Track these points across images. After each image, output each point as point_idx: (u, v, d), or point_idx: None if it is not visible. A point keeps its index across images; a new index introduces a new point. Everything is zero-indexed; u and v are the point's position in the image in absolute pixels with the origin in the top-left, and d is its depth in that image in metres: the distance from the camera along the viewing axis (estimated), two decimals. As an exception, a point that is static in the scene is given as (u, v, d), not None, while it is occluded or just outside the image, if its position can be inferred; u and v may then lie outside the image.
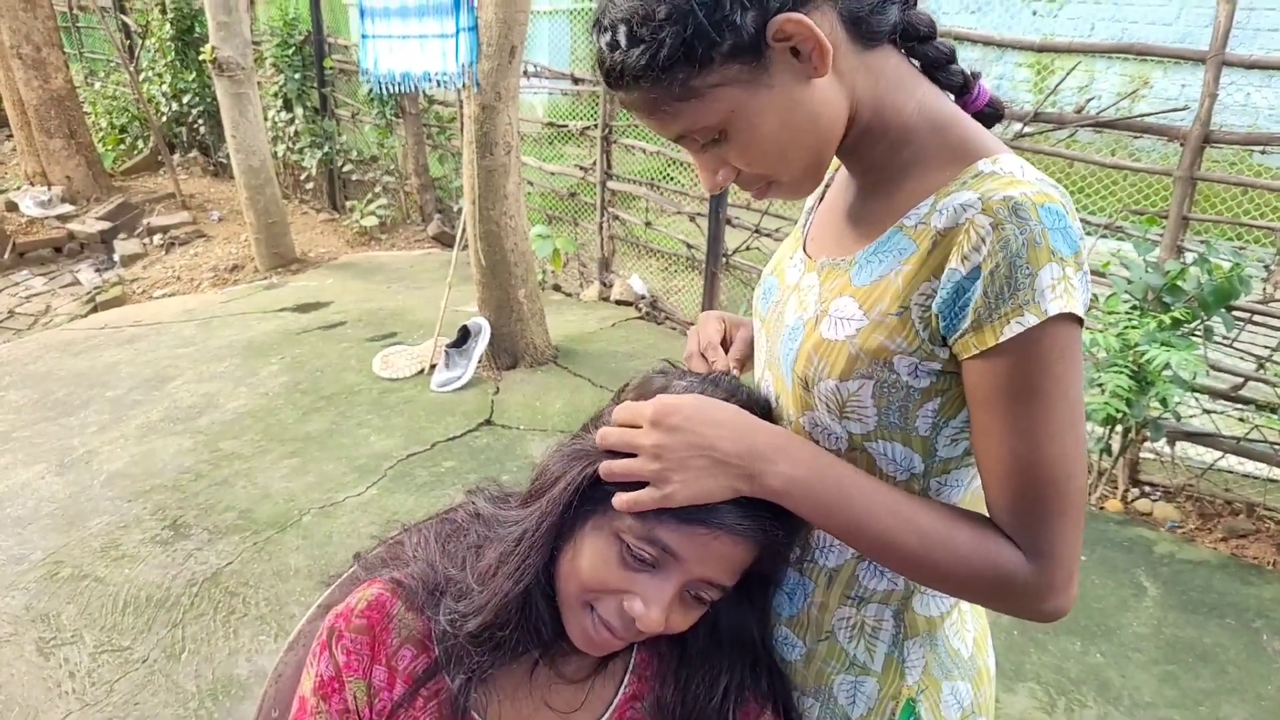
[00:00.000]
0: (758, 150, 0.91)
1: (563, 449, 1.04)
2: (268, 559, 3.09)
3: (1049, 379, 0.83)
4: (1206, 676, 2.69)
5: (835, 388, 0.93)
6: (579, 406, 4.21)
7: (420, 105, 6.63)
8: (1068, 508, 0.85)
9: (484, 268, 4.31)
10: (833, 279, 0.97)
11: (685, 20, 0.83)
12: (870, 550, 0.93)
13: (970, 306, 0.83)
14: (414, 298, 5.62)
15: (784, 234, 4.73)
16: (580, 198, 5.93)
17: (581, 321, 5.30)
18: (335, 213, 7.56)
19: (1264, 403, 3.38)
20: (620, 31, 0.86)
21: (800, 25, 0.83)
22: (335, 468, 3.65)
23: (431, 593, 1.05)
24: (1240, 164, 5.47)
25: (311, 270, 6.34)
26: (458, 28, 3.78)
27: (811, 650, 1.07)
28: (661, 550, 0.93)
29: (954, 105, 0.96)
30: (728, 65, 0.85)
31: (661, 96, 0.88)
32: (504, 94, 3.95)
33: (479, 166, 4.06)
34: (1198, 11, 6.82)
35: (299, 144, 7.35)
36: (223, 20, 5.65)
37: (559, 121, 5.96)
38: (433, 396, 4.29)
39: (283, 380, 4.43)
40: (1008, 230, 0.81)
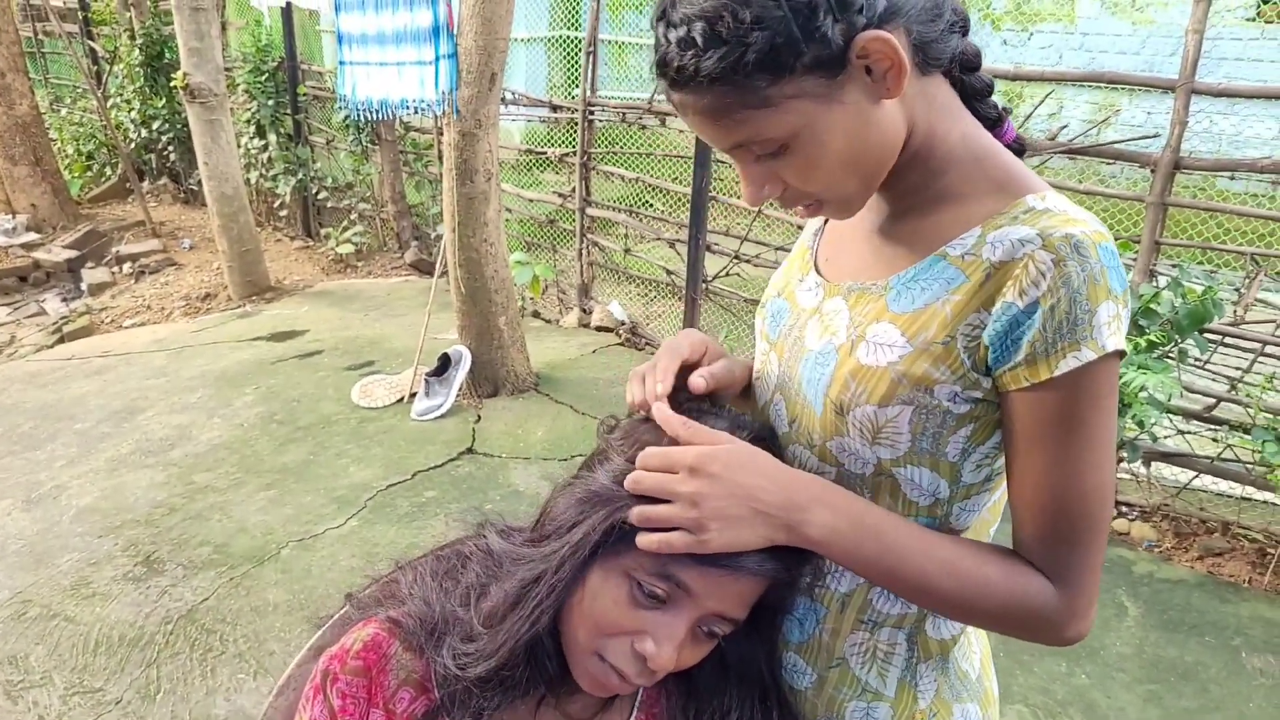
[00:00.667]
0: (818, 167, 0.89)
1: (573, 491, 1.00)
2: (245, 594, 3.02)
3: (1095, 412, 0.85)
4: (1189, 695, 2.71)
5: (873, 413, 0.92)
6: (561, 434, 4.19)
7: (396, 132, 6.61)
8: (1098, 536, 0.87)
9: (464, 295, 4.29)
10: (865, 304, 0.96)
11: (776, 26, 0.79)
12: (905, 592, 0.93)
13: (1025, 340, 0.84)
14: (392, 325, 5.58)
15: (764, 260, 4.75)
16: (559, 224, 5.92)
17: (562, 348, 5.28)
18: (310, 240, 7.51)
19: (1236, 423, 3.43)
20: (697, 29, 0.81)
21: (886, 44, 0.82)
22: (314, 499, 3.60)
23: (431, 632, 1.01)
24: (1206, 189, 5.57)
25: (286, 298, 6.28)
26: (437, 55, 3.78)
27: (823, 677, 1.05)
28: (675, 586, 0.91)
29: (992, 138, 0.96)
30: (807, 77, 0.82)
31: (732, 103, 0.84)
32: (484, 121, 3.95)
33: (459, 194, 4.05)
34: (1162, 41, 6.97)
35: (272, 171, 7.30)
36: (195, 46, 5.62)
37: (537, 148, 5.96)
38: (413, 425, 4.25)
39: (258, 411, 4.37)
40: (1070, 267, 0.82)
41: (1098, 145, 3.75)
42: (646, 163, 5.55)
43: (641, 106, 5.05)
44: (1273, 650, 2.91)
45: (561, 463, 3.95)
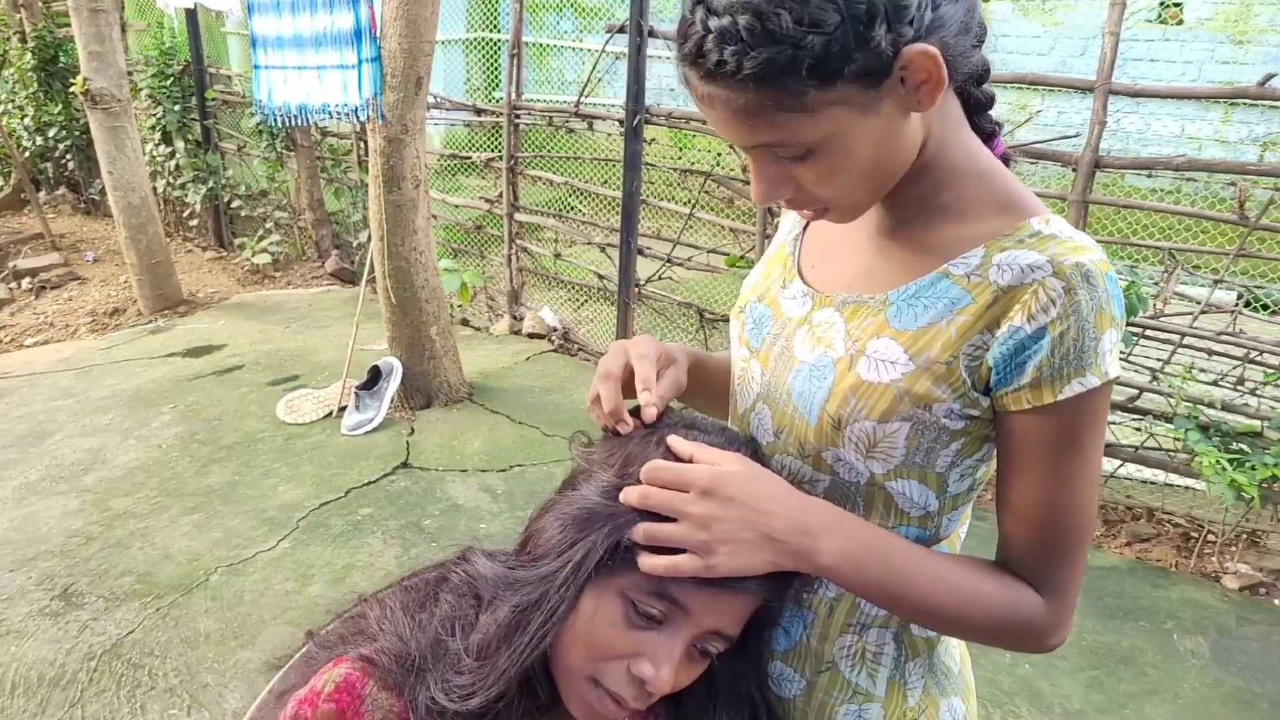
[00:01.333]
0: (840, 175, 0.87)
1: (562, 510, 0.97)
2: (173, 625, 2.89)
3: (1092, 433, 0.88)
4: (1128, 680, 2.79)
5: (872, 429, 0.92)
6: (499, 444, 4.12)
7: (313, 138, 6.44)
8: (1081, 551, 0.91)
9: (394, 305, 4.19)
10: (862, 318, 0.95)
11: (832, 30, 0.76)
12: (907, 613, 0.94)
13: (1031, 364, 0.85)
14: (315, 337, 5.43)
15: (696, 263, 4.74)
16: (486, 230, 5.84)
17: (495, 356, 5.21)
18: (223, 250, 7.27)
19: (1159, 412, 3.54)
20: (744, 22, 0.77)
21: (932, 59, 0.80)
22: (242, 522, 3.47)
23: (408, 669, 0.96)
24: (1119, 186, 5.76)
25: (201, 312, 6.05)
26: (360, 59, 3.67)
27: (812, 683, 1.05)
28: (671, 605, 0.90)
29: (993, 156, 0.96)
30: (850, 85, 0.80)
31: (770, 104, 0.81)
32: (410, 126, 3.86)
33: (386, 201, 3.95)
34: (1069, 42, 7.19)
35: (181, 179, 7.05)
36: (95, 50, 5.36)
37: (461, 153, 5.86)
38: (344, 441, 4.14)
39: (177, 431, 4.20)
40: (1080, 295, 0.83)
41: (1023, 145, 3.83)
42: (575, 166, 5.51)
43: (568, 110, 5.00)
44: (1202, 631, 3.03)
45: (500, 474, 3.87)
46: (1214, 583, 3.31)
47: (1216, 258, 3.78)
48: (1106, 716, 2.65)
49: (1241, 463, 3.21)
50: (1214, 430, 3.31)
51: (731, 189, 4.62)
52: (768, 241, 4.36)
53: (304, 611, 2.96)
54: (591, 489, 0.96)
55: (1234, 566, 3.35)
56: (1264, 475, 3.16)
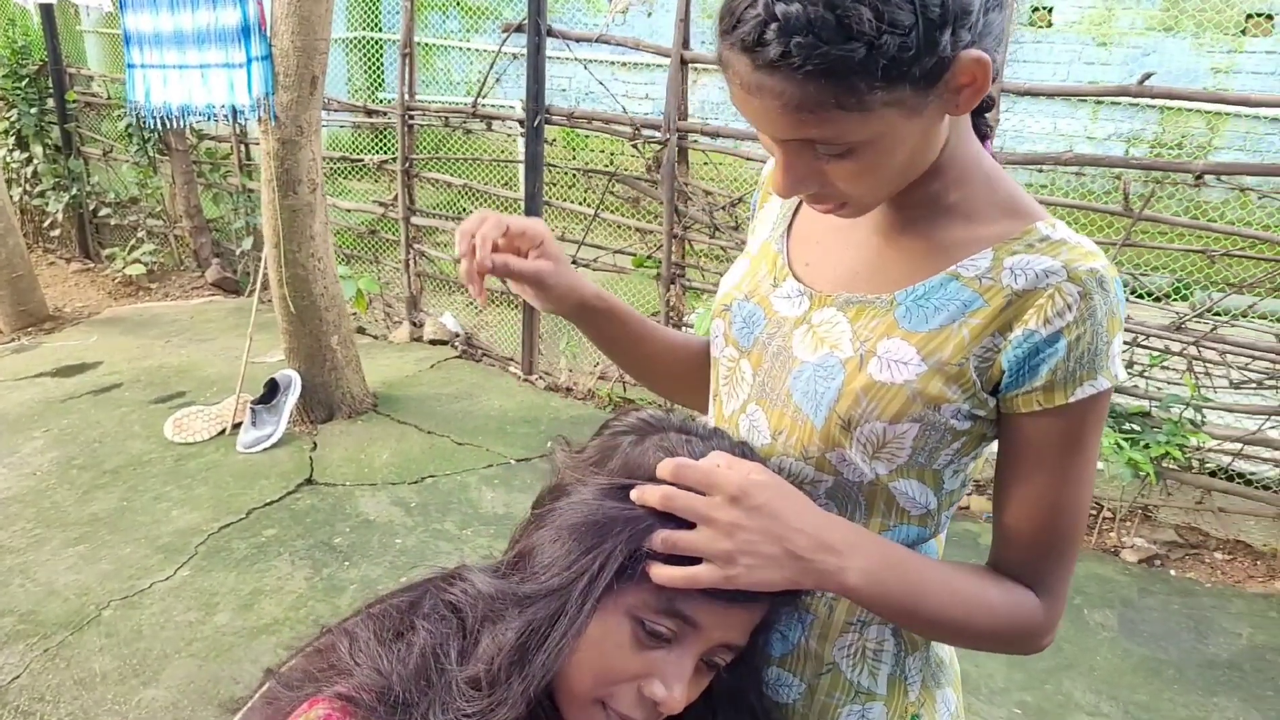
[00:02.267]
0: (875, 174, 0.86)
1: (562, 523, 0.91)
2: (65, 666, 2.69)
3: (1094, 434, 0.90)
4: (1046, 656, 2.87)
5: (882, 430, 0.92)
6: (408, 455, 3.99)
7: (189, 141, 6.13)
8: (1075, 549, 0.94)
9: (291, 315, 4.00)
10: (869, 317, 0.94)
11: (907, 30, 0.74)
12: (919, 626, 0.95)
13: (1046, 368, 0.87)
14: (201, 351, 5.17)
15: (603, 263, 4.70)
16: (381, 234, 5.67)
17: (398, 365, 5.06)
18: (90, 261, 6.86)
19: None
20: (817, 13, 0.73)
21: (983, 67, 0.79)
22: (134, 551, 3.25)
23: (392, 706, 0.87)
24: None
25: (70, 328, 5.69)
26: (249, 57, 3.49)
27: (812, 686, 1.03)
28: (682, 622, 0.86)
29: (993, 159, 0.97)
30: (907, 87, 0.78)
31: (828, 100, 0.77)
32: (306, 128, 3.69)
33: (281, 206, 3.76)
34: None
35: (40, 186, 6.64)
36: (-58, 50, 4.98)
37: (352, 155, 5.67)
38: (241, 459, 3.93)
39: (52, 456, 3.92)
40: (1095, 301, 0.85)
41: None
42: (472, 168, 5.39)
43: (466, 110, 4.88)
44: (1109, 604, 3.17)
45: (412, 486, 3.74)
46: (1115, 557, 3.46)
47: (1104, 248, 3.94)
48: (1029, 693, 2.73)
49: (1136, 442, 3.38)
50: (1110, 412, 3.46)
51: (637, 188, 4.60)
52: (675, 241, 4.35)
53: (210, 643, 2.79)
54: (591, 494, 0.91)
55: (1131, 541, 3.51)
56: (1157, 453, 3.34)
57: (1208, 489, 3.60)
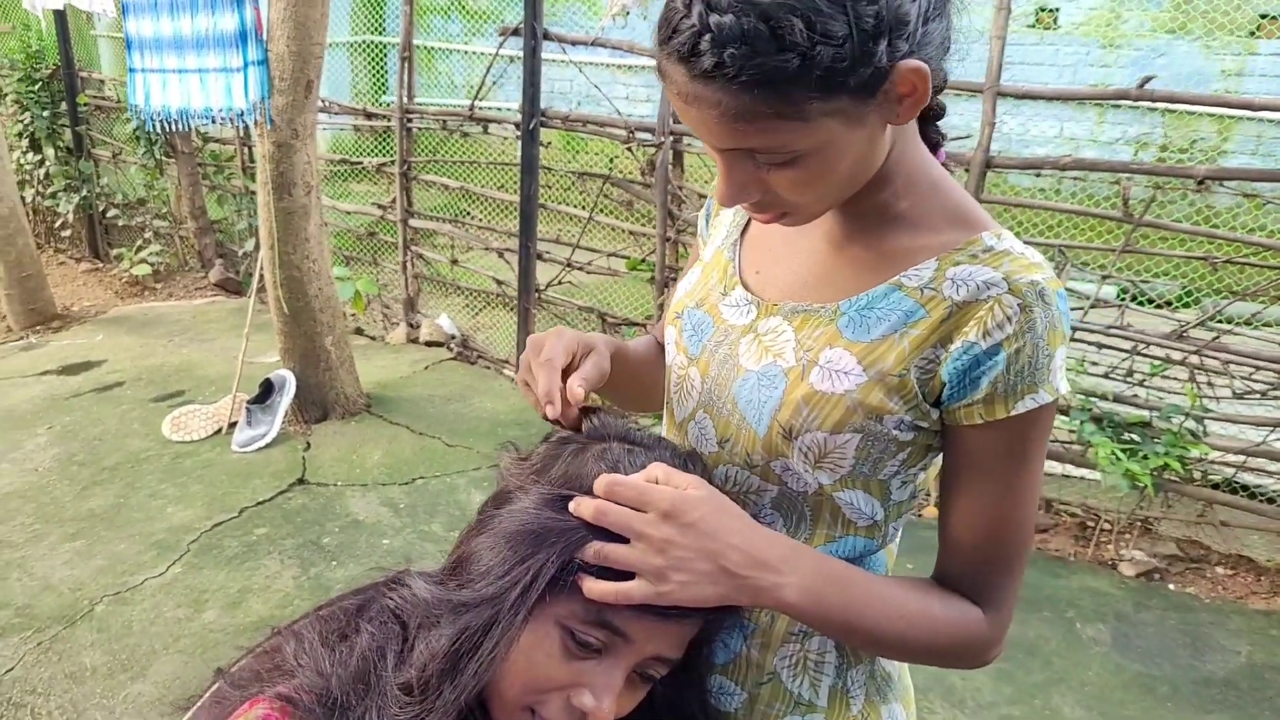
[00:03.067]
0: (818, 182, 0.86)
1: (500, 527, 0.92)
2: (57, 659, 2.73)
3: (1038, 448, 0.90)
4: (1036, 670, 2.85)
5: (823, 440, 0.92)
6: (399, 457, 4.02)
7: (194, 143, 6.19)
8: (1021, 563, 0.93)
9: (286, 316, 4.04)
10: (813, 327, 0.94)
11: (841, 42, 0.74)
12: (859, 641, 0.94)
13: (986, 380, 0.86)
14: (201, 351, 5.22)
15: (597, 266, 4.71)
16: (379, 236, 5.71)
17: (392, 366, 5.09)
18: (99, 262, 6.94)
19: (1053, 405, 3.64)
20: (750, 24, 0.73)
21: (919, 77, 0.79)
22: (128, 547, 3.29)
23: (331, 708, 0.89)
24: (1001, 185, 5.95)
25: (77, 326, 5.76)
26: (245, 61, 3.53)
27: (753, 695, 1.03)
28: (611, 634, 0.86)
29: (942, 168, 0.97)
30: (846, 97, 0.78)
31: (766, 111, 0.78)
32: (301, 131, 3.73)
33: (276, 209, 3.80)
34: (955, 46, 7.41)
35: (51, 188, 6.71)
36: (-46, 53, 5.06)
37: (352, 158, 5.71)
38: (236, 458, 3.97)
39: (54, 453, 3.97)
40: (1035, 314, 0.85)
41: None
42: (470, 171, 5.41)
43: (463, 113, 4.91)
44: (1102, 619, 3.11)
45: (402, 488, 3.77)
46: (1111, 570, 3.41)
47: (1104, 254, 3.92)
48: (1017, 708, 2.70)
49: (1134, 453, 3.31)
50: (1107, 422, 3.42)
51: (630, 192, 4.61)
52: (669, 245, 4.36)
53: (197, 639, 2.82)
54: (531, 503, 0.91)
55: (1129, 554, 3.44)
56: (1156, 464, 3.26)
57: (1210, 502, 3.52)
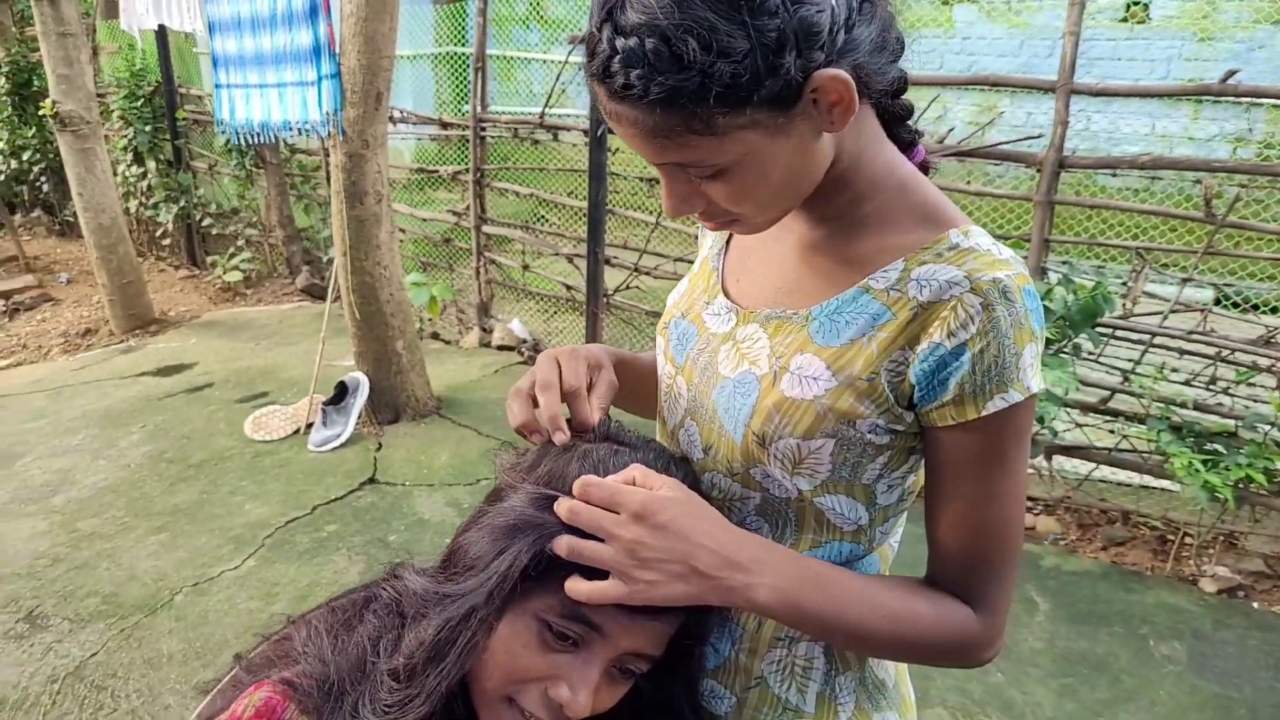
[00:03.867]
0: (752, 193, 0.86)
1: (485, 525, 0.95)
2: (137, 646, 2.86)
3: (1016, 448, 0.88)
4: (1102, 687, 2.75)
5: (796, 445, 0.91)
6: (465, 458, 4.10)
7: (282, 155, 6.43)
8: (1011, 564, 0.91)
9: (359, 320, 4.17)
10: (786, 333, 0.94)
11: (741, 57, 0.74)
12: (841, 641, 0.94)
13: (953, 381, 0.85)
14: (285, 354, 5.41)
15: (663, 271, 4.73)
16: (455, 243, 5.83)
17: (463, 370, 5.19)
18: (195, 269, 7.26)
19: (1131, 414, 3.52)
20: (651, 45, 0.75)
21: (842, 84, 0.79)
22: (208, 540, 3.44)
23: (328, 693, 0.93)
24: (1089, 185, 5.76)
25: (172, 330, 6.04)
26: (319, 75, 3.66)
27: (741, 699, 1.03)
28: (587, 627, 0.87)
29: (912, 166, 0.95)
30: (760, 110, 0.78)
31: (678, 127, 0.79)
32: (372, 141, 3.85)
33: (349, 216, 3.93)
34: (1038, 43, 7.21)
35: (153, 199, 7.05)
36: (63, 73, 5.37)
37: (428, 167, 5.85)
38: (311, 457, 4.11)
39: (146, 450, 4.17)
40: (998, 312, 0.83)
41: (985, 147, 3.82)
42: (541, 178, 5.49)
43: (533, 121, 4.99)
44: (1178, 636, 2.98)
45: (467, 488, 3.85)
46: (1191, 586, 3.26)
47: (1186, 256, 3.77)
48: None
49: (1215, 463, 3.16)
50: (1187, 431, 3.27)
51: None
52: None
53: (266, 631, 2.92)
54: (517, 500, 0.94)
55: (1211, 569, 3.29)
56: (1238, 475, 3.10)
57: (1301, 516, 3.34)
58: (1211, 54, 6.44)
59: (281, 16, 3.74)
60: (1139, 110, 6.54)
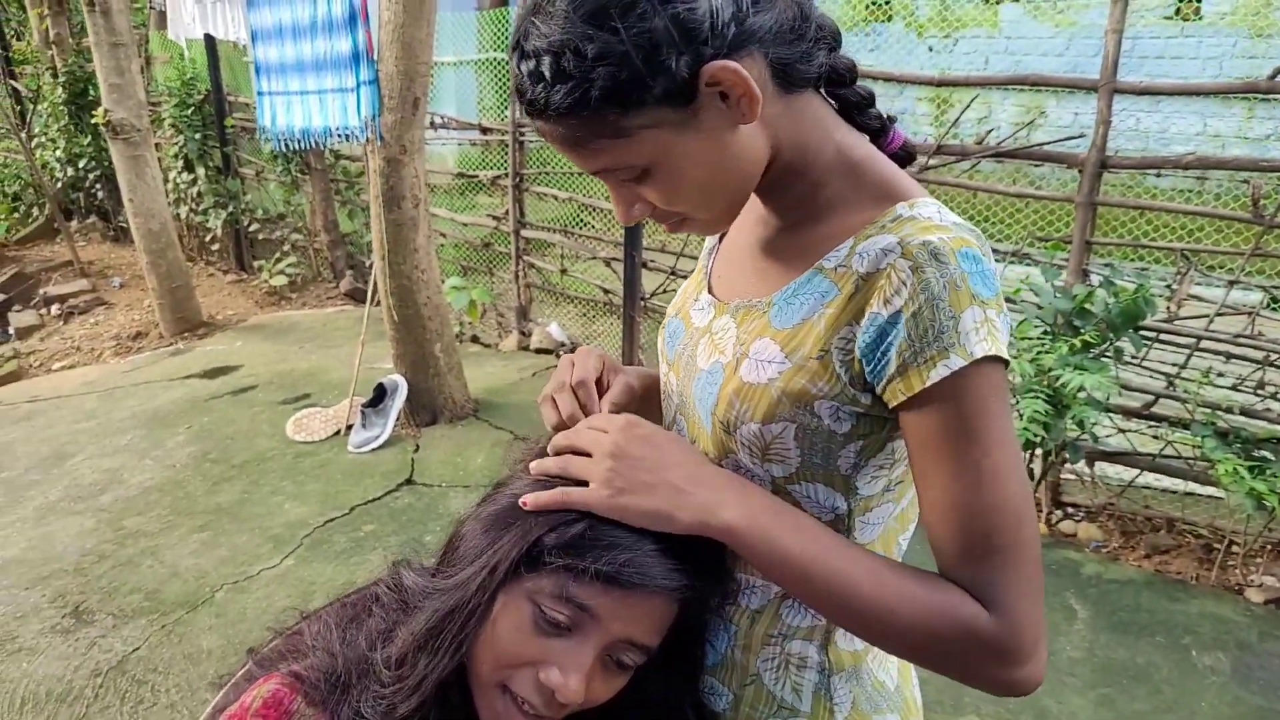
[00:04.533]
0: (679, 191, 0.89)
1: (479, 516, 0.98)
2: (178, 642, 2.92)
3: (981, 421, 0.81)
4: (1141, 697, 2.69)
5: (758, 431, 0.91)
6: (501, 460, 4.12)
7: (326, 160, 6.53)
8: (1020, 557, 0.82)
9: (397, 323, 4.22)
10: (750, 321, 0.95)
11: (618, 61, 0.79)
12: (822, 599, 0.86)
13: (894, 350, 0.82)
14: (328, 357, 5.50)
15: (701, 276, 4.71)
16: (494, 247, 5.89)
17: (501, 373, 5.23)
18: (243, 273, 7.40)
19: (1175, 419, 3.44)
20: (545, 63, 0.81)
21: (734, 74, 0.81)
22: (248, 539, 3.50)
23: (334, 685, 0.95)
24: (1135, 187, 5.66)
25: (219, 334, 6.16)
26: (358, 81, 3.72)
27: (738, 696, 1.02)
28: (577, 610, 0.88)
29: (871, 147, 0.95)
30: (658, 108, 0.82)
31: (586, 134, 0.84)
32: (409, 146, 3.90)
33: (387, 221, 3.98)
34: (1085, 42, 7.09)
35: (202, 205, 7.20)
36: (115, 82, 5.51)
37: (469, 172, 5.90)
38: (350, 458, 4.17)
39: (191, 450, 4.26)
40: (928, 274, 0.81)
41: (1025, 148, 3.77)
42: (579, 182, 5.52)
43: (573, 126, 5.01)
44: (1222, 647, 2.90)
45: (503, 490, 3.87)
46: (1237, 596, 3.17)
47: (1234, 258, 3.67)
48: (1118, 735, 2.55)
49: (1263, 470, 3.05)
50: (1233, 437, 3.19)
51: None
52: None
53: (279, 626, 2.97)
54: (514, 488, 0.97)
55: (1259, 579, 3.21)
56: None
57: (1352, 525, 3.23)
58: (1266, 51, 6.27)
59: (322, 24, 3.80)
60: (1190, 109, 6.40)
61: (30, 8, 8.59)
